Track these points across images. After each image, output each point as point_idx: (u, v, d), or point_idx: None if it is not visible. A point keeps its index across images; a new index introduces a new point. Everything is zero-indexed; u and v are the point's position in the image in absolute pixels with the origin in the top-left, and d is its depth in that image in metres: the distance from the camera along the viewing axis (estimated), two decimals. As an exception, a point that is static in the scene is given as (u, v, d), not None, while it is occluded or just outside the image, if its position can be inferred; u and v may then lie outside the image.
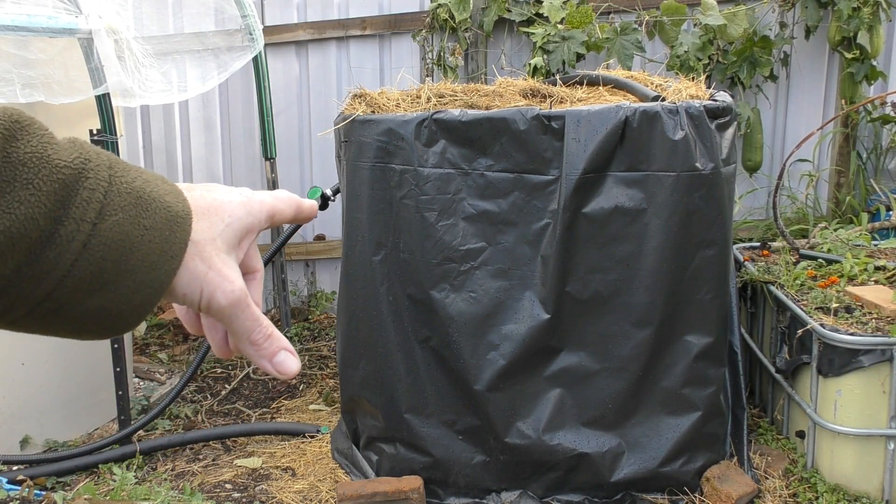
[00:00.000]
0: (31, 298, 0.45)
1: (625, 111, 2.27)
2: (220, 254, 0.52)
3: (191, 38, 3.56)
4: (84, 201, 0.45)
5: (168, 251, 0.49)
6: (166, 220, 0.49)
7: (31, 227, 0.43)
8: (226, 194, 0.54)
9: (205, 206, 0.53)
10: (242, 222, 0.54)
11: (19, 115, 0.44)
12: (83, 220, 0.45)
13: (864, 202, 3.82)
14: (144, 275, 0.48)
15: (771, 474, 2.62)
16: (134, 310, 0.49)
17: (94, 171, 0.46)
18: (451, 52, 3.95)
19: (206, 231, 0.52)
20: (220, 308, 0.52)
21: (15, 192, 0.42)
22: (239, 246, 0.54)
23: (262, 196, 0.56)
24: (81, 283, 0.45)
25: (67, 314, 0.46)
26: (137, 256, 0.47)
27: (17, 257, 0.43)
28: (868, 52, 3.57)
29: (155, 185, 0.50)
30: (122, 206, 0.47)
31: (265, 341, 0.55)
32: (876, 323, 2.49)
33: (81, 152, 0.46)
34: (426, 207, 2.42)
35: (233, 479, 2.80)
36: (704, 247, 2.38)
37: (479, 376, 2.43)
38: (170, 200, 0.50)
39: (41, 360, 2.97)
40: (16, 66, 2.54)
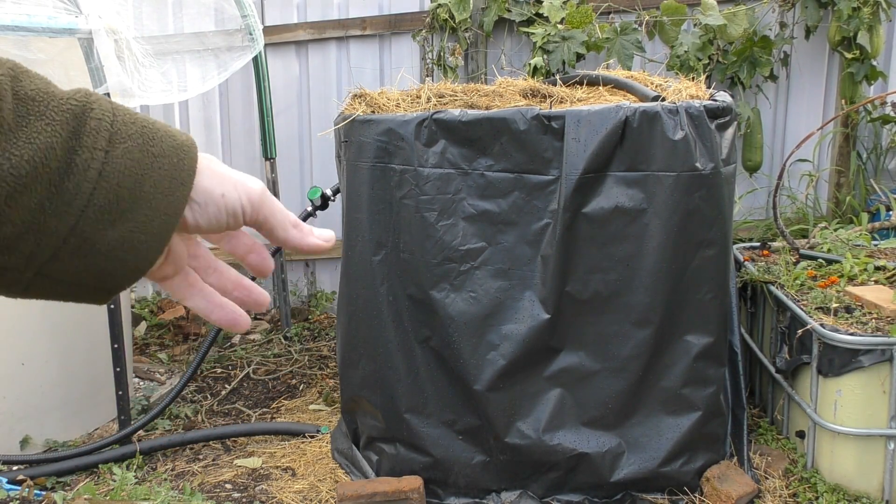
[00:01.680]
0: (55, 235, 0.46)
1: (625, 111, 2.27)
2: (228, 168, 0.55)
3: (191, 38, 3.56)
4: (94, 130, 0.47)
5: (178, 177, 0.50)
6: (173, 147, 0.51)
7: (51, 155, 0.45)
8: (229, 170, 0.57)
9: (210, 167, 0.55)
10: (232, 197, 0.56)
11: (16, 63, 0.47)
12: (95, 147, 0.47)
13: (864, 202, 3.82)
14: (159, 201, 0.49)
15: (771, 474, 2.62)
16: (153, 237, 0.50)
17: (98, 104, 0.48)
18: (451, 52, 3.95)
19: (207, 160, 0.54)
20: (260, 195, 0.54)
21: (31, 123, 0.45)
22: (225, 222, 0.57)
23: (265, 195, 0.58)
24: (102, 213, 0.47)
25: (91, 250, 0.48)
26: (150, 183, 0.49)
27: (41, 189, 0.45)
28: (868, 52, 3.57)
29: (155, 120, 0.52)
30: (129, 135, 0.49)
31: (300, 223, 0.58)
32: (876, 323, 2.49)
33: (80, 89, 0.49)
34: (426, 207, 2.42)
35: (233, 479, 2.80)
36: (704, 247, 2.38)
37: (479, 376, 2.43)
38: (173, 131, 0.52)
39: (41, 360, 2.97)
40: (16, 66, 2.54)
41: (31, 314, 2.93)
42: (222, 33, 3.61)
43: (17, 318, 2.90)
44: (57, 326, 3.00)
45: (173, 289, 0.58)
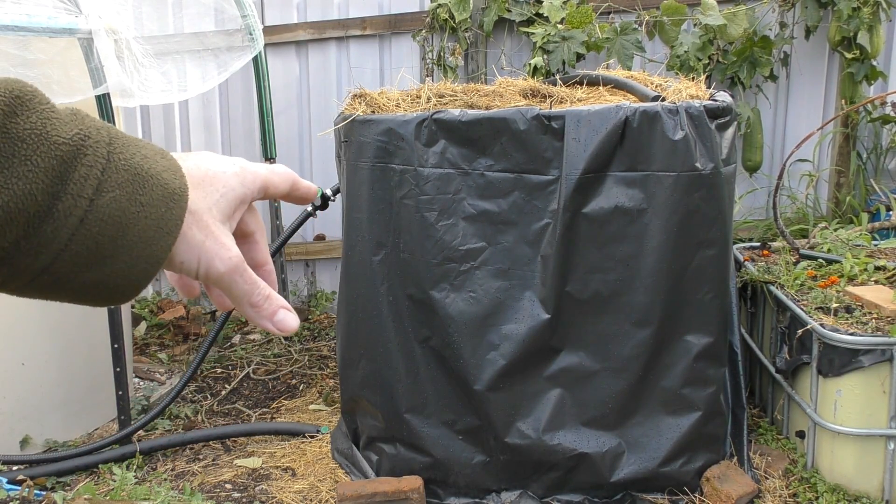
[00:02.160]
0: (29, 270, 0.46)
1: (625, 111, 2.27)
2: (216, 222, 0.53)
3: (191, 38, 3.55)
4: (82, 178, 0.46)
5: (164, 227, 0.49)
6: (162, 196, 0.49)
7: (30, 202, 0.44)
8: (220, 165, 0.55)
9: (199, 177, 0.53)
10: (236, 192, 0.55)
11: (21, 90, 0.45)
12: (80, 195, 0.46)
13: (864, 202, 3.82)
14: (141, 250, 0.49)
15: (771, 474, 2.62)
16: (131, 284, 0.50)
17: (93, 148, 0.47)
18: (451, 52, 3.95)
19: (201, 200, 0.53)
20: (219, 275, 0.53)
21: (14, 167, 0.43)
22: (232, 216, 0.55)
23: (256, 167, 0.57)
24: (79, 258, 0.46)
25: (65, 286, 0.48)
26: (134, 232, 0.48)
27: (16, 231, 0.44)
28: (868, 52, 3.57)
29: (153, 162, 0.50)
30: (119, 183, 0.47)
31: (264, 302, 0.56)
32: (876, 323, 2.49)
33: (81, 128, 0.47)
34: (426, 207, 2.41)
35: (233, 479, 2.80)
36: (704, 247, 2.38)
37: (479, 376, 2.43)
38: (167, 178, 0.50)
39: (41, 360, 2.97)
40: (14, 65, 2.54)
41: (31, 314, 2.93)
42: (222, 33, 3.61)
43: (17, 318, 2.90)
44: (57, 326, 3.00)
45: (213, 295, 0.59)
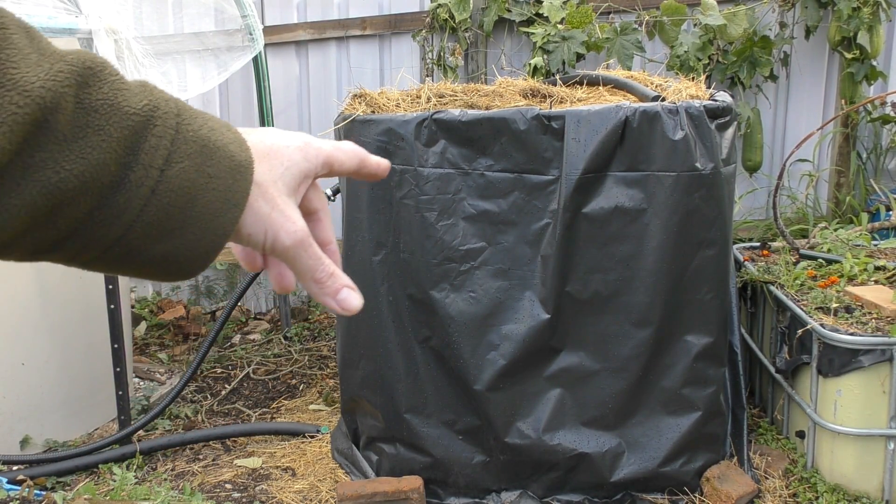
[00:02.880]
0: (101, 242, 0.46)
1: (625, 111, 2.27)
2: (282, 195, 0.53)
3: (191, 38, 3.55)
4: (152, 148, 0.46)
5: (231, 199, 0.50)
6: (229, 168, 0.50)
7: (103, 171, 0.44)
8: (284, 139, 0.55)
9: (264, 150, 0.54)
10: (300, 167, 0.55)
11: (92, 61, 0.45)
12: (151, 166, 0.46)
13: (864, 202, 3.82)
14: (209, 222, 0.49)
15: (771, 474, 2.62)
16: (199, 256, 0.50)
17: (162, 119, 0.47)
18: (451, 52, 3.95)
19: (267, 173, 0.53)
20: (284, 248, 0.53)
21: (88, 137, 0.44)
22: (297, 190, 0.55)
23: (320, 143, 0.57)
24: (150, 229, 0.47)
25: (136, 258, 0.48)
26: (202, 203, 0.48)
27: (90, 201, 0.44)
28: (868, 52, 3.57)
29: (220, 134, 0.51)
30: (187, 154, 0.48)
31: (328, 279, 0.56)
32: (876, 323, 2.49)
33: (151, 99, 0.47)
34: (426, 207, 2.41)
35: (233, 479, 2.80)
36: (704, 247, 2.38)
37: (479, 376, 2.43)
38: (233, 149, 0.51)
39: (41, 360, 2.97)
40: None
41: (31, 314, 2.93)
42: (222, 33, 3.61)
43: (17, 318, 2.90)
44: (57, 326, 3.00)
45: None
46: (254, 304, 4.59)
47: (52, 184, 0.42)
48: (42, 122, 0.42)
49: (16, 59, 0.41)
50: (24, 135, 0.41)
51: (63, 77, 0.43)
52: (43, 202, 0.42)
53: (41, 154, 0.42)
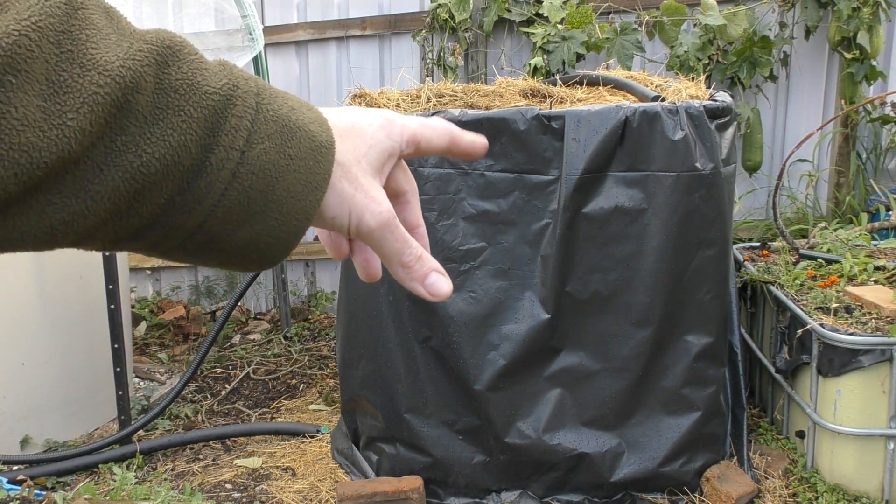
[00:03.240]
0: (183, 229, 0.45)
1: (625, 111, 2.27)
2: (366, 175, 0.51)
3: (191, 38, 3.55)
4: (232, 129, 0.45)
5: (312, 181, 0.48)
6: (310, 149, 0.48)
7: (185, 154, 0.43)
8: (365, 117, 0.54)
9: (345, 129, 0.52)
10: (383, 145, 0.53)
11: (171, 40, 0.44)
12: (232, 147, 0.45)
13: (864, 202, 3.82)
14: (291, 205, 0.47)
15: (771, 474, 2.62)
16: (281, 242, 0.48)
17: (242, 99, 0.46)
18: (451, 52, 3.95)
19: (349, 153, 0.51)
20: (370, 230, 0.51)
21: (168, 119, 0.43)
22: (381, 170, 0.53)
23: (404, 120, 0.55)
24: (231, 214, 0.45)
25: (217, 245, 0.47)
26: (284, 186, 0.47)
27: (172, 186, 0.43)
28: (868, 53, 3.58)
29: (300, 113, 0.49)
30: (268, 135, 0.46)
31: (416, 263, 0.55)
32: (876, 323, 2.49)
33: (231, 78, 0.46)
34: (426, 207, 2.42)
35: (233, 479, 2.80)
36: (704, 247, 2.38)
37: (479, 376, 2.44)
38: (314, 129, 0.49)
39: (41, 360, 2.97)
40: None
41: (31, 314, 2.93)
42: (222, 33, 3.61)
43: (17, 318, 2.90)
44: (57, 326, 3.01)
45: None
46: (254, 304, 4.59)
47: (134, 168, 0.42)
48: (123, 103, 0.41)
49: (95, 40, 0.40)
50: (106, 116, 0.40)
51: (143, 56, 0.42)
52: (126, 188, 0.42)
53: (123, 137, 0.41)
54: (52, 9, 0.39)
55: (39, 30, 0.38)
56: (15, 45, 0.37)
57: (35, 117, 0.38)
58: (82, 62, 0.40)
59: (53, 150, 0.38)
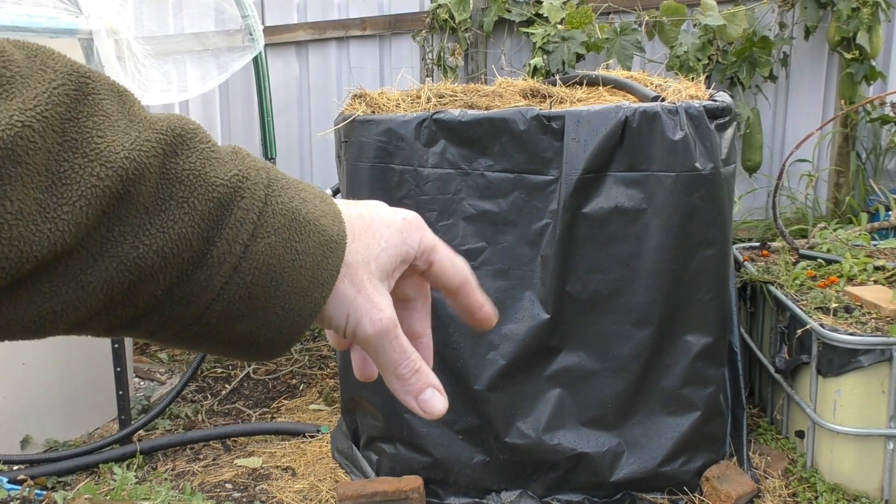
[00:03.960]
0: (180, 320, 0.43)
1: (624, 111, 2.27)
2: (373, 279, 0.49)
3: (191, 39, 3.56)
4: (238, 222, 0.43)
5: (319, 277, 0.46)
6: (319, 244, 0.46)
7: (185, 246, 0.42)
8: (386, 216, 0.51)
9: (362, 227, 0.50)
10: (397, 250, 0.50)
11: (183, 128, 0.43)
12: (235, 241, 0.43)
13: (864, 202, 3.82)
14: (294, 301, 0.46)
15: (770, 474, 2.62)
16: (282, 337, 0.46)
17: (251, 190, 0.44)
18: (451, 52, 3.96)
19: (360, 253, 0.49)
20: (366, 336, 0.49)
21: (170, 210, 0.41)
22: (392, 274, 0.51)
23: (427, 231, 0.53)
24: (230, 308, 0.44)
25: (216, 337, 0.45)
26: (288, 282, 0.45)
27: (170, 277, 0.42)
28: (867, 53, 3.58)
29: (312, 206, 0.47)
30: (275, 228, 0.45)
31: (412, 376, 0.52)
32: (875, 323, 2.49)
33: (241, 168, 0.44)
34: (426, 207, 2.42)
35: (233, 478, 2.80)
36: (704, 247, 2.38)
37: (478, 376, 2.44)
38: (325, 223, 0.47)
39: (41, 360, 2.97)
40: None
41: (32, 314, 2.93)
42: (222, 33, 3.61)
43: (17, 318, 2.90)
44: (57, 326, 3.00)
45: None
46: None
47: (130, 259, 0.40)
48: (123, 194, 0.39)
49: (102, 127, 0.39)
50: (104, 208, 0.39)
51: (150, 147, 0.40)
52: (121, 279, 0.40)
53: (120, 227, 0.40)
54: (61, 97, 0.38)
55: (44, 119, 0.37)
56: (17, 136, 0.36)
57: (30, 210, 0.37)
58: (85, 152, 0.38)
59: (45, 245, 0.37)
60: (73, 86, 0.38)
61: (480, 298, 0.55)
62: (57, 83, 0.38)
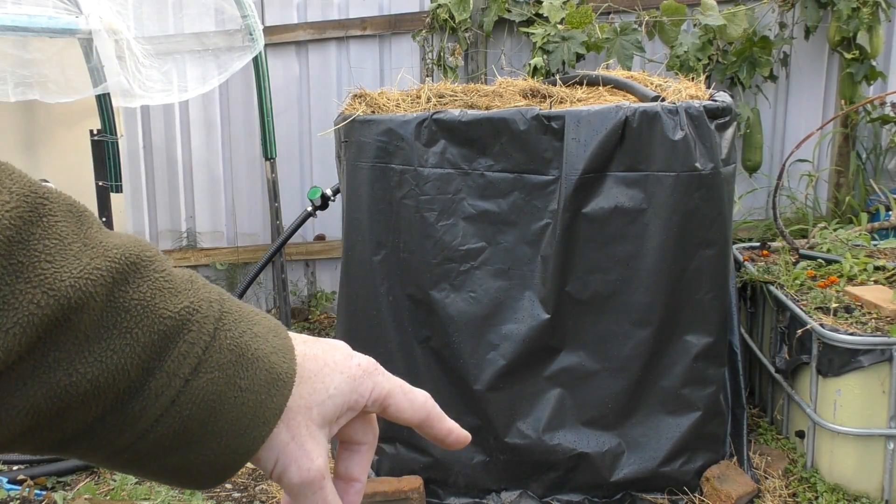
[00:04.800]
0: (110, 447, 0.43)
1: (624, 111, 2.27)
2: (311, 426, 0.48)
3: (191, 39, 3.56)
4: (181, 355, 0.42)
5: (260, 416, 0.45)
6: (266, 382, 0.45)
7: (121, 377, 0.41)
8: (340, 362, 0.50)
9: (314, 370, 0.49)
10: (345, 398, 0.49)
11: (139, 256, 0.42)
12: (176, 374, 0.42)
13: (864, 202, 3.82)
14: (231, 438, 0.45)
15: (771, 474, 2.62)
16: (216, 472, 0.45)
17: (199, 323, 0.43)
18: (451, 52, 3.96)
19: (304, 397, 0.48)
20: (291, 484, 0.48)
21: (112, 339, 0.40)
22: (336, 421, 0.50)
23: (382, 378, 0.52)
24: (164, 440, 0.43)
25: (147, 466, 0.44)
26: (227, 418, 0.44)
27: (102, 406, 0.41)
28: (867, 53, 3.58)
29: (264, 341, 0.46)
30: (220, 364, 0.44)
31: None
32: (875, 323, 2.49)
33: (193, 301, 0.44)
34: (426, 207, 2.42)
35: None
36: (704, 247, 2.38)
37: (478, 376, 2.44)
38: (274, 360, 0.46)
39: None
40: (11, 65, 2.54)
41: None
42: (222, 33, 3.61)
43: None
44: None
45: None
46: (254, 304, 4.58)
47: (61, 387, 0.39)
48: (63, 322, 0.38)
49: (53, 252, 0.38)
50: (40, 334, 0.38)
51: (98, 275, 0.39)
52: (48, 405, 0.39)
53: (55, 354, 0.38)
54: (13, 219, 0.37)
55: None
56: None
57: None
58: (29, 277, 0.37)
59: None
60: (27, 207, 0.37)
61: (447, 426, 0.55)
62: (11, 205, 0.37)
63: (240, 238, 4.48)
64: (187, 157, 4.46)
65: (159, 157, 4.46)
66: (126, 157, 4.16)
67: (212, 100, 4.38)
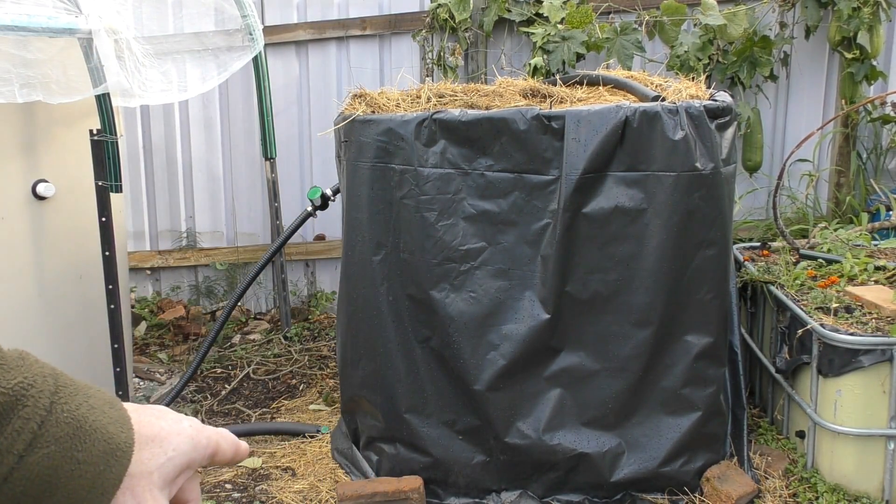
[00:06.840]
0: None
1: (625, 111, 2.27)
2: (153, 489, 0.49)
3: (191, 38, 3.56)
4: (15, 431, 0.42)
5: (100, 486, 0.45)
6: (104, 452, 0.46)
7: None
8: (174, 424, 0.52)
9: (151, 435, 0.50)
10: (186, 458, 0.51)
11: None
12: (9, 451, 0.42)
13: (864, 202, 3.82)
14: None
15: (771, 474, 2.62)
16: None
17: (34, 398, 0.43)
18: (451, 52, 3.95)
19: (145, 463, 0.49)
20: None
21: None
22: (174, 481, 0.51)
23: (209, 432, 0.54)
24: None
25: None
26: (64, 492, 0.44)
27: None
28: (868, 52, 3.57)
29: (100, 412, 0.47)
30: (56, 438, 0.44)
31: None
32: (876, 323, 2.49)
33: (26, 376, 0.43)
34: (426, 207, 2.42)
35: (233, 479, 2.80)
36: (704, 247, 2.38)
37: (478, 376, 2.43)
38: (112, 431, 0.46)
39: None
40: (14, 65, 2.54)
41: (31, 314, 2.93)
42: (222, 33, 3.61)
43: (16, 317, 2.90)
44: (56, 326, 3.00)
45: None
46: (254, 304, 4.59)
47: None
48: None
49: None
50: None
51: None
52: None
53: None
54: None
55: None
56: None
57: None
58: None
59: None
60: None
61: (243, 446, 0.59)
62: None
63: (240, 238, 4.48)
64: (187, 156, 4.45)
65: (159, 157, 4.46)
66: (126, 157, 4.16)
67: (211, 100, 4.38)
